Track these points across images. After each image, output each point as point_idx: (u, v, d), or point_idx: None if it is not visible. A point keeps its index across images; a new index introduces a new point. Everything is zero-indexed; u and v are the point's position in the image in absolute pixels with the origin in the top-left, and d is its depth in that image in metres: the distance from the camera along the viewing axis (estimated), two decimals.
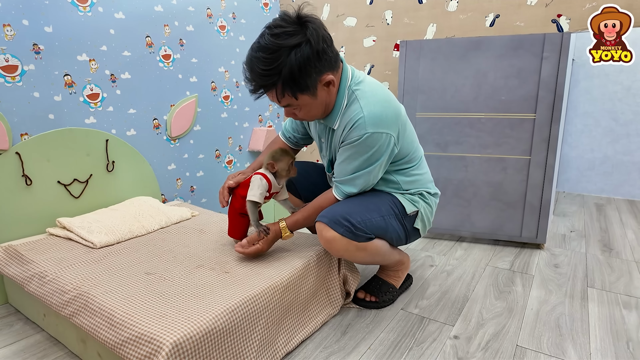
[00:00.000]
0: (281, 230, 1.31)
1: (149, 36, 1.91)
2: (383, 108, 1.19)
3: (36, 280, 1.25)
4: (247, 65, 1.14)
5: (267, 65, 1.08)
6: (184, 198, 2.19)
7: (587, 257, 1.87)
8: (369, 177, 1.26)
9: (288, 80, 1.09)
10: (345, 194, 1.29)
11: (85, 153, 1.68)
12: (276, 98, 1.15)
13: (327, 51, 1.12)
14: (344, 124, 1.21)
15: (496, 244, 2.05)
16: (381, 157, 1.21)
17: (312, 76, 1.11)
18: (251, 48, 1.13)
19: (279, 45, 1.07)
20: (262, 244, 1.29)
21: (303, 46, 1.07)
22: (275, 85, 1.11)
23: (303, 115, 1.23)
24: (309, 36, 1.08)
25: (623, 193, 3.02)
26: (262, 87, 1.13)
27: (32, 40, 1.52)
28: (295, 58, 1.07)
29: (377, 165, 1.23)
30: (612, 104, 2.96)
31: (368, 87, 1.22)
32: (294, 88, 1.11)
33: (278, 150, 1.35)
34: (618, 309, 1.42)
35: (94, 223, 1.52)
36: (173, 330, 0.91)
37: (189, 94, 2.13)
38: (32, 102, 1.54)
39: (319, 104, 1.19)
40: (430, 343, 1.24)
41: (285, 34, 1.07)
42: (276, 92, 1.13)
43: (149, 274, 1.22)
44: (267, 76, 1.10)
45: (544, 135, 1.80)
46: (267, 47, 1.08)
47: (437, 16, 2.19)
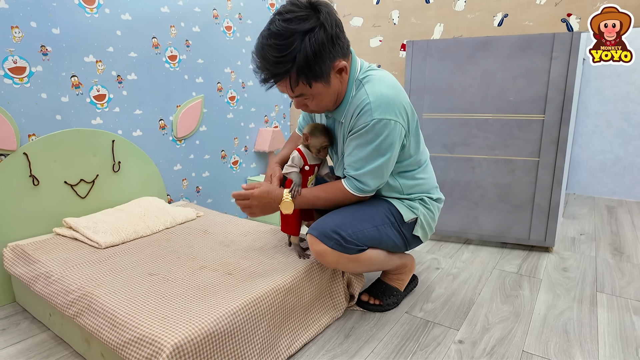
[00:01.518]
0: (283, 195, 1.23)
1: (155, 37, 1.92)
2: (390, 94, 1.14)
3: (42, 280, 1.26)
4: (257, 53, 1.08)
5: (280, 52, 1.03)
6: (189, 198, 2.20)
7: (597, 261, 1.84)
8: (381, 171, 1.19)
9: (303, 67, 1.04)
10: (359, 189, 1.23)
11: (92, 154, 1.70)
12: (289, 87, 1.09)
13: (341, 36, 1.09)
14: (350, 113, 1.17)
15: (504, 246, 2.02)
16: (390, 147, 1.16)
17: (326, 62, 1.07)
18: (261, 36, 1.07)
19: (292, 30, 1.02)
20: (256, 192, 1.19)
21: (317, 30, 1.03)
22: (288, 73, 1.06)
23: (315, 106, 1.18)
24: (322, 20, 1.04)
25: (635, 195, 2.96)
26: (275, 75, 1.07)
27: (40, 42, 1.53)
28: (310, 43, 1.02)
29: (387, 159, 1.17)
30: (624, 105, 2.91)
31: (376, 74, 1.18)
32: (309, 75, 1.06)
33: (320, 126, 1.30)
34: (628, 314, 1.39)
35: (100, 223, 1.54)
36: (174, 332, 0.91)
37: (195, 95, 2.14)
38: (40, 103, 1.56)
39: (331, 93, 1.15)
40: (434, 347, 1.22)
41: (298, 19, 1.03)
42: (290, 81, 1.08)
43: (152, 274, 1.23)
44: (280, 63, 1.04)
45: (553, 136, 1.77)
46: (280, 33, 1.02)
47: (444, 16, 2.17)
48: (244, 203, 1.21)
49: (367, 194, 1.25)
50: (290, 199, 1.22)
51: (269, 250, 1.40)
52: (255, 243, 1.47)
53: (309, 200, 1.25)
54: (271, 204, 1.23)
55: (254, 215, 1.25)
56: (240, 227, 1.65)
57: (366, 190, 1.23)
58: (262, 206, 1.22)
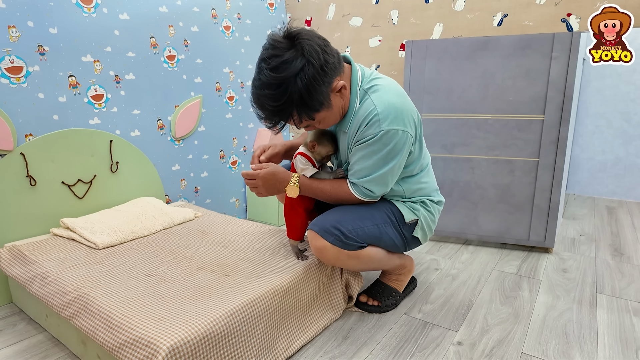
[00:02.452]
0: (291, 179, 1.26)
1: (153, 37, 1.91)
2: (398, 103, 1.15)
3: (38, 280, 1.25)
4: (256, 104, 1.13)
5: (276, 100, 1.08)
6: (188, 199, 2.19)
7: (596, 262, 1.83)
8: (386, 179, 1.21)
9: (301, 106, 1.09)
10: (365, 194, 1.24)
11: (90, 154, 1.69)
12: (295, 124, 1.16)
13: (328, 60, 1.09)
14: (357, 124, 1.18)
15: (503, 247, 2.01)
16: (397, 156, 1.17)
17: (323, 92, 1.10)
18: (254, 86, 1.12)
19: (281, 78, 1.05)
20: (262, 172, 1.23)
21: (306, 68, 1.05)
22: (290, 115, 1.11)
23: (323, 127, 1.24)
24: (307, 56, 1.05)
25: (635, 196, 2.95)
26: (279, 121, 1.15)
27: (37, 41, 1.53)
28: (303, 84, 1.05)
29: (392, 167, 1.18)
30: (624, 105, 2.90)
31: (382, 83, 1.19)
32: (310, 111, 1.11)
33: (327, 133, 1.32)
34: (628, 316, 1.38)
35: (97, 224, 1.53)
36: (170, 334, 0.90)
37: (193, 95, 2.13)
38: (37, 103, 1.55)
39: (336, 112, 1.18)
40: (433, 349, 1.21)
41: (284, 64, 1.05)
42: (294, 120, 1.14)
43: (149, 275, 1.22)
44: (280, 110, 1.10)
45: (552, 136, 1.76)
46: (271, 84, 1.07)
47: (443, 16, 2.16)
48: (252, 182, 1.26)
49: (372, 199, 1.27)
50: (297, 184, 1.25)
51: (267, 251, 1.40)
52: (254, 244, 1.47)
53: (313, 190, 1.27)
54: (276, 185, 1.26)
55: (260, 195, 1.28)
56: (239, 227, 1.64)
57: (372, 195, 1.25)
58: (268, 187, 1.26)
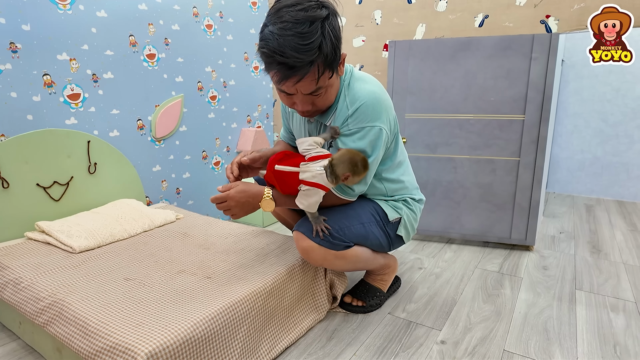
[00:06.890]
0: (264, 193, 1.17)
1: (132, 35, 1.87)
2: (375, 101, 1.14)
3: (11, 286, 1.20)
4: (276, 48, 0.98)
5: (306, 39, 0.97)
6: (169, 200, 2.15)
7: (575, 259, 1.87)
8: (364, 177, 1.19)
9: (328, 55, 1.01)
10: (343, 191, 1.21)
11: (66, 155, 1.64)
12: (315, 79, 1.03)
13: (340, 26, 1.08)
14: (339, 116, 1.16)
15: (485, 245, 2.03)
16: (374, 152, 1.16)
17: (340, 50, 1.07)
18: (277, 31, 0.98)
19: (312, 17, 0.98)
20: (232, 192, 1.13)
21: (332, 18, 1.02)
22: (315, 62, 1.00)
23: (321, 102, 1.12)
24: (332, 8, 1.04)
25: (612, 194, 3.03)
26: (301, 67, 0.99)
27: (8, 38, 1.47)
28: (330, 29, 1.01)
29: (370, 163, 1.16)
30: (601, 105, 2.97)
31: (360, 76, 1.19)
32: (333, 63, 1.05)
33: (360, 163, 1.10)
34: (605, 312, 1.41)
35: (74, 227, 1.48)
36: (148, 340, 0.88)
37: (174, 94, 2.09)
38: (9, 103, 1.50)
39: (335, 89, 1.14)
40: (416, 348, 1.21)
41: (312, 8, 0.99)
42: (318, 70, 1.02)
43: (128, 279, 1.19)
44: (309, 51, 0.97)
45: (533, 136, 1.79)
46: (301, 22, 0.97)
47: (426, 16, 2.17)
48: (224, 205, 1.16)
49: (351, 197, 1.25)
50: (271, 197, 1.17)
51: (249, 253, 1.38)
52: (236, 245, 1.45)
53: (290, 200, 1.21)
54: (250, 202, 1.16)
55: (236, 216, 1.18)
56: (221, 229, 1.61)
57: (351, 193, 1.23)
58: (241, 205, 1.16)
